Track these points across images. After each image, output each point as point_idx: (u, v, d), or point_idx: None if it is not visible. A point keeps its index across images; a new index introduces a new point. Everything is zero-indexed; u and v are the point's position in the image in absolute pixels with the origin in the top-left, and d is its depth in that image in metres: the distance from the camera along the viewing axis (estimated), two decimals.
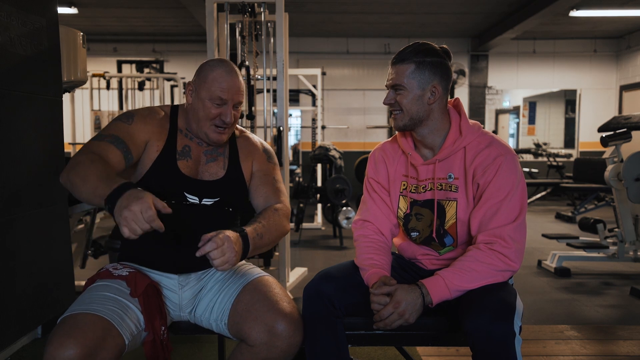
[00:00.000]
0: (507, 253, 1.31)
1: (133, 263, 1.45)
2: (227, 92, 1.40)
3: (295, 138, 9.88)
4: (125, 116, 1.44)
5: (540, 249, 4.64)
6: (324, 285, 1.38)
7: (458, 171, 1.42)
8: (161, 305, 1.34)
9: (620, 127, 3.78)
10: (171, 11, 7.03)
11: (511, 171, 1.36)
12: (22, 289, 2.16)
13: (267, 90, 3.25)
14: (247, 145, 1.58)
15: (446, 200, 1.43)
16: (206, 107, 1.41)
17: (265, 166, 1.58)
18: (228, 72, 1.42)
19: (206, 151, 1.50)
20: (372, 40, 8.66)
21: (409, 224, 1.50)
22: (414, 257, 1.54)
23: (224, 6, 3.13)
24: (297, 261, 4.17)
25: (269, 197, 1.53)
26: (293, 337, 1.29)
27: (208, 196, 1.45)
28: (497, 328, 1.16)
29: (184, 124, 1.50)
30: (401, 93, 1.39)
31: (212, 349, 2.30)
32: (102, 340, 1.13)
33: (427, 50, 1.38)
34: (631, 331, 2.62)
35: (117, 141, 1.34)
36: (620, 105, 8.83)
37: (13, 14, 2.06)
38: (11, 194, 2.08)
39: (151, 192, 1.31)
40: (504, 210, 1.34)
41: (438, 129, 1.44)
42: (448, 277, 1.31)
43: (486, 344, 1.17)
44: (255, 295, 1.36)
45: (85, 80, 3.11)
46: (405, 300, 1.27)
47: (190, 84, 1.45)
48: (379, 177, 1.55)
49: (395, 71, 1.40)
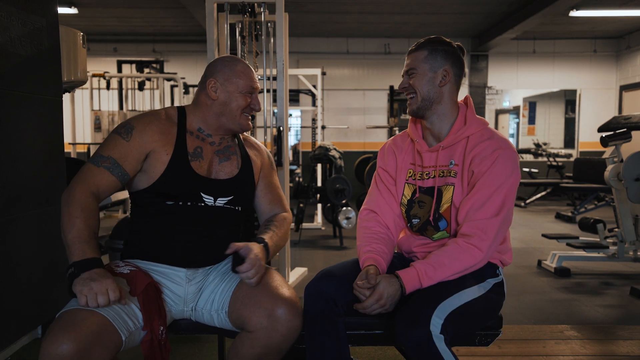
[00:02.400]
0: (481, 246, 1.37)
1: (139, 259, 1.46)
2: (255, 82, 1.54)
3: (295, 138, 9.88)
4: (125, 130, 1.44)
5: (540, 249, 4.64)
6: (325, 284, 1.40)
7: (458, 158, 1.47)
8: (161, 305, 1.34)
9: (620, 127, 3.78)
10: (171, 11, 7.03)
11: (507, 166, 1.41)
12: (22, 289, 2.17)
13: (267, 90, 3.26)
14: (253, 148, 1.65)
15: (445, 186, 1.48)
16: (238, 99, 1.50)
17: (269, 171, 1.66)
18: (247, 65, 1.54)
19: (218, 151, 1.54)
20: (372, 40, 8.66)
21: (412, 211, 1.54)
22: (410, 250, 1.57)
23: (224, 6, 3.13)
24: (297, 261, 4.17)
25: (275, 205, 1.64)
26: (292, 320, 1.32)
27: (222, 195, 1.49)
28: (411, 333, 1.25)
29: (195, 124, 1.53)
30: (414, 76, 1.48)
31: (212, 348, 2.30)
32: (98, 335, 1.14)
33: (440, 40, 1.49)
34: (631, 331, 2.63)
35: (114, 166, 1.40)
36: (620, 105, 8.83)
37: (13, 14, 2.06)
38: (11, 194, 2.08)
39: (167, 195, 1.45)
40: (492, 203, 1.39)
41: (446, 115, 1.50)
42: (421, 269, 1.37)
43: (408, 348, 1.26)
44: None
45: (85, 80, 3.11)
46: (387, 293, 1.35)
47: (212, 82, 1.50)
48: (387, 165, 1.62)
49: (410, 58, 1.50)
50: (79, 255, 1.24)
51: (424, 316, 1.26)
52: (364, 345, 1.47)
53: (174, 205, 1.44)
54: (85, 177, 1.38)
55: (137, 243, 1.48)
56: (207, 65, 1.57)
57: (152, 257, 1.46)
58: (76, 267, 1.23)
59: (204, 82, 1.52)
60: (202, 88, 1.52)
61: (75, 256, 1.25)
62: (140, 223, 1.48)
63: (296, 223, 4.90)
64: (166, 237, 1.45)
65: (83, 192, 1.34)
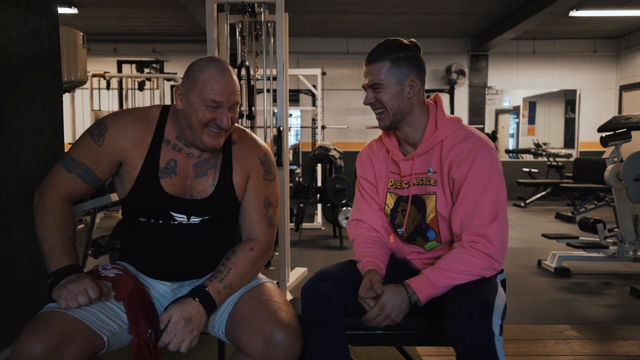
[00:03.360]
0: (491, 253, 1.32)
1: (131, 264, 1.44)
2: (221, 94, 1.28)
3: (295, 138, 9.87)
4: (98, 132, 1.34)
5: (540, 248, 4.64)
6: (322, 285, 1.38)
7: (435, 165, 1.43)
8: (148, 308, 1.31)
9: (620, 127, 3.78)
10: (171, 11, 7.03)
11: (486, 164, 1.35)
12: (22, 289, 2.17)
13: (267, 90, 3.26)
14: (244, 156, 1.44)
15: (426, 195, 1.44)
16: (199, 112, 1.28)
17: (260, 184, 1.44)
18: (220, 71, 1.29)
19: (196, 164, 1.39)
20: (372, 40, 8.62)
21: (395, 220, 1.52)
22: (404, 257, 1.56)
23: (224, 6, 3.13)
24: (297, 261, 4.17)
25: (253, 227, 1.43)
26: (291, 347, 1.25)
27: (196, 214, 1.38)
28: (476, 330, 1.18)
29: (173, 132, 1.38)
30: (380, 91, 1.41)
31: (212, 349, 2.30)
32: (69, 336, 1.12)
33: (399, 46, 1.40)
34: (631, 331, 2.63)
35: (85, 174, 1.34)
36: (620, 105, 8.83)
37: (13, 14, 2.06)
38: (11, 194, 2.08)
39: (137, 212, 1.38)
40: (484, 206, 1.34)
41: (417, 124, 1.46)
42: (433, 275, 1.32)
43: (467, 346, 1.18)
44: (253, 303, 1.33)
45: (85, 80, 3.11)
46: (391, 303, 1.30)
47: (179, 88, 1.33)
48: (366, 174, 1.58)
49: (371, 70, 1.41)
50: (56, 264, 1.25)
51: (485, 314, 1.20)
52: (363, 345, 1.46)
53: (146, 222, 1.38)
54: (56, 182, 1.34)
55: (125, 250, 1.46)
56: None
57: (139, 268, 1.43)
58: (54, 276, 1.23)
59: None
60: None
61: (53, 266, 1.25)
62: (125, 231, 1.46)
63: (296, 223, 4.90)
64: (147, 251, 1.40)
65: (55, 199, 1.31)
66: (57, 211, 1.30)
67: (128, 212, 1.41)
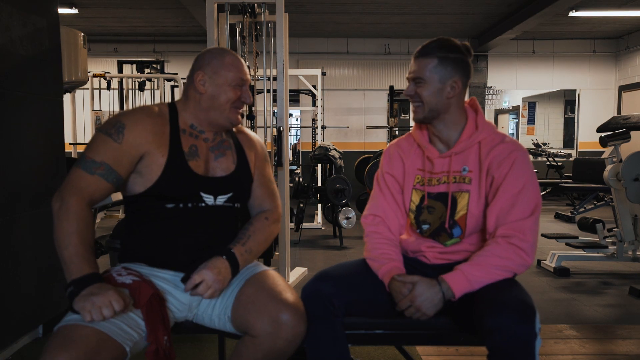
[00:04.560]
0: (524, 247, 1.34)
1: (139, 263, 1.43)
2: (245, 74, 1.48)
3: (295, 138, 9.88)
4: (115, 130, 1.36)
5: (539, 248, 4.64)
6: (322, 285, 1.39)
7: (472, 164, 1.45)
8: (164, 315, 1.31)
9: (619, 127, 3.78)
10: (171, 11, 7.04)
11: (526, 166, 1.40)
12: (23, 289, 2.17)
13: (267, 90, 3.26)
14: (247, 140, 1.60)
15: (459, 192, 1.45)
16: (227, 92, 1.44)
17: (262, 164, 1.60)
18: (236, 57, 1.48)
19: (212, 147, 1.49)
20: (372, 41, 8.65)
21: (421, 217, 1.51)
22: (419, 249, 1.54)
23: (224, 7, 3.13)
24: (297, 261, 4.18)
25: (264, 201, 1.58)
26: (297, 326, 1.30)
27: (222, 192, 1.46)
28: (521, 329, 1.17)
29: (187, 121, 1.47)
30: (421, 85, 1.43)
31: (212, 348, 2.30)
32: (96, 352, 1.12)
33: (450, 46, 1.42)
34: (630, 330, 2.63)
35: (108, 173, 1.33)
36: (619, 106, 8.84)
37: (14, 14, 2.06)
38: (12, 194, 2.08)
39: (166, 198, 1.40)
40: (521, 204, 1.36)
41: (454, 123, 1.48)
42: (468, 270, 1.33)
43: (508, 344, 1.17)
44: (258, 287, 1.37)
45: (85, 80, 3.12)
46: (423, 295, 1.31)
47: (201, 75, 1.44)
48: (393, 170, 1.57)
49: (418, 64, 1.44)
50: (77, 272, 1.22)
51: (529, 314, 1.19)
52: (364, 345, 1.47)
53: (174, 208, 1.41)
54: (79, 186, 1.31)
55: (136, 247, 1.44)
56: (195, 57, 1.49)
57: (154, 262, 1.42)
58: (75, 285, 1.20)
59: (192, 75, 1.46)
60: (190, 82, 1.46)
61: (73, 274, 1.22)
62: (138, 227, 1.44)
63: (296, 223, 4.90)
64: (167, 242, 1.41)
65: (78, 203, 1.29)
66: (81, 217, 1.28)
67: (150, 203, 1.41)
